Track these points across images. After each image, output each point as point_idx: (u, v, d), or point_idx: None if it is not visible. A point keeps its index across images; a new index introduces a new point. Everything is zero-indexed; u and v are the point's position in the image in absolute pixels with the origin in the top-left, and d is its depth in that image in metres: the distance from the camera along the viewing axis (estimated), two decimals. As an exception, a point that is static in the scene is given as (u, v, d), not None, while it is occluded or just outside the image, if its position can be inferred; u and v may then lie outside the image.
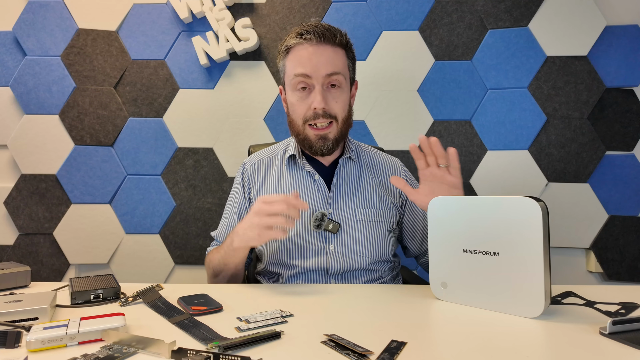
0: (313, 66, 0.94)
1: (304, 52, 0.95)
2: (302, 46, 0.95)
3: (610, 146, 1.52)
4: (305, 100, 0.97)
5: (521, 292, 0.67)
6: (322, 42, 0.94)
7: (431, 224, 0.78)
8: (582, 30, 1.51)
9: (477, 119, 1.56)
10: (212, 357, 0.51)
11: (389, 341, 0.57)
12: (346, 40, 0.99)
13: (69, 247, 1.58)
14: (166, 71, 1.59)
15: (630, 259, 1.50)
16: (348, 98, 1.00)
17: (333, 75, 0.95)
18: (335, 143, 0.99)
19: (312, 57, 0.94)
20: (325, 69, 0.94)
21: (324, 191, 1.01)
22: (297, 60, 0.96)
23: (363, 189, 1.03)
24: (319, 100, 0.94)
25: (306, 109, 0.96)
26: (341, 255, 0.97)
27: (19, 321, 0.63)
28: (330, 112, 0.96)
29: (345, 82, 0.98)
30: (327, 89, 0.96)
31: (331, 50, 0.95)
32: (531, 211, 0.66)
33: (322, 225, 0.96)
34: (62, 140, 1.58)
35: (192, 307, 0.70)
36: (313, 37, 0.94)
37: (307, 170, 1.03)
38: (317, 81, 0.94)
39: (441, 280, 0.77)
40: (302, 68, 0.94)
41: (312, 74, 0.94)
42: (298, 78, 0.95)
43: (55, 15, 1.57)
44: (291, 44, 0.96)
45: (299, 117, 0.98)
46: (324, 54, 0.94)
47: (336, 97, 0.97)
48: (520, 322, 0.65)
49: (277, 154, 1.09)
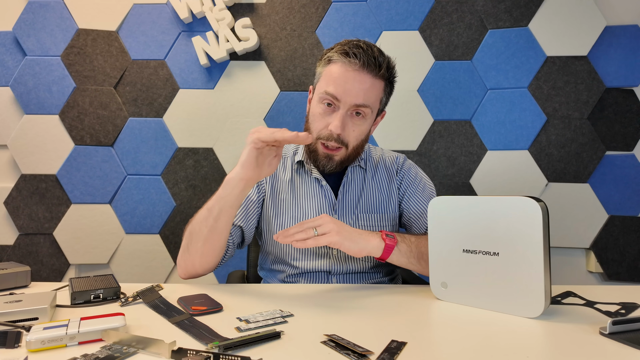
0: (345, 91, 0.90)
1: (342, 75, 0.91)
2: (343, 66, 0.91)
3: (610, 146, 1.52)
4: (326, 117, 0.94)
5: (521, 292, 0.67)
6: (364, 70, 0.90)
7: (431, 224, 0.78)
8: (582, 30, 1.51)
9: (477, 119, 1.56)
10: (212, 357, 0.51)
11: (389, 341, 0.57)
12: (389, 74, 0.96)
13: (69, 247, 1.58)
14: (166, 71, 1.58)
15: (630, 259, 1.50)
16: (368, 128, 0.98)
17: (361, 107, 0.93)
18: (339, 165, 0.98)
19: (348, 81, 0.90)
20: (355, 99, 0.91)
21: (331, 197, 1.01)
22: (332, 79, 0.92)
23: (368, 194, 1.04)
24: (337, 125, 0.91)
25: (323, 126, 0.95)
26: (344, 259, 0.99)
27: (19, 321, 0.63)
28: (343, 139, 0.94)
29: (371, 114, 0.96)
30: (351, 115, 0.94)
31: (370, 81, 0.91)
32: (531, 211, 0.66)
33: None
34: (62, 140, 1.58)
35: (192, 307, 0.70)
36: (357, 62, 0.90)
37: (315, 176, 1.03)
38: (344, 106, 0.91)
39: (441, 280, 0.77)
40: (334, 88, 0.91)
41: (342, 98, 0.91)
42: (327, 96, 0.92)
43: (55, 15, 1.57)
44: (334, 59, 0.93)
45: (314, 131, 0.97)
46: (361, 83, 0.91)
47: (356, 126, 0.94)
48: (520, 322, 0.65)
49: (288, 155, 1.09)
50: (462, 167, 1.56)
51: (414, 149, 1.57)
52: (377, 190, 1.05)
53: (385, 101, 1.00)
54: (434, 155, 1.57)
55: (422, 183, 1.08)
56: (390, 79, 0.97)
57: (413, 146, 1.57)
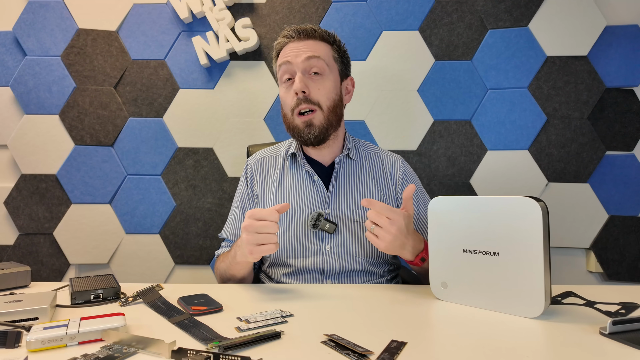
0: (294, 54, 0.98)
1: (288, 48, 1.00)
2: (287, 45, 1.01)
3: (611, 146, 1.52)
4: (290, 89, 0.99)
5: (521, 292, 0.67)
6: (303, 37, 1.00)
7: (431, 224, 0.78)
8: (582, 30, 1.51)
9: (477, 119, 1.56)
10: (212, 357, 0.51)
11: (389, 341, 0.57)
12: (331, 37, 1.03)
13: (69, 247, 1.58)
14: (166, 71, 1.59)
15: (630, 259, 1.50)
16: (334, 87, 1.01)
17: (312, 59, 0.97)
18: (322, 130, 0.99)
19: (293, 49, 0.99)
20: (304, 53, 0.97)
21: (322, 191, 1.01)
22: (282, 56, 1.01)
23: (362, 189, 1.03)
24: (298, 85, 0.96)
25: (291, 98, 0.99)
26: (337, 255, 0.97)
27: (19, 321, 0.63)
28: (311, 98, 0.97)
29: (328, 70, 1.00)
30: (310, 77, 0.99)
31: (312, 42, 1.00)
32: (531, 211, 0.66)
33: (319, 225, 0.96)
34: (62, 140, 1.58)
35: (192, 307, 0.70)
36: (294, 33, 1.00)
37: (306, 170, 1.03)
38: (298, 67, 0.97)
39: (441, 280, 0.77)
40: (284, 58, 0.99)
41: (293, 59, 0.97)
42: (282, 68, 1.00)
43: (55, 15, 1.57)
44: (278, 46, 1.03)
45: (287, 109, 1.01)
46: (305, 45, 0.99)
47: (318, 83, 0.99)
48: (520, 322, 0.65)
49: (280, 153, 1.10)
50: (462, 167, 1.56)
51: (414, 149, 1.57)
52: (372, 185, 1.04)
53: (341, 61, 1.05)
54: (434, 155, 1.57)
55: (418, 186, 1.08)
56: (333, 41, 1.03)
57: (413, 146, 1.57)
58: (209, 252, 1.58)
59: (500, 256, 0.69)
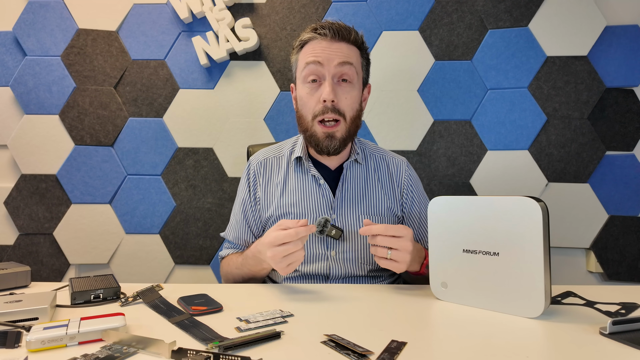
0: (326, 55, 0.93)
1: (318, 46, 0.94)
2: (316, 40, 0.95)
3: (611, 146, 1.51)
4: (315, 93, 0.95)
5: (521, 292, 0.67)
6: (337, 39, 0.94)
7: (431, 224, 0.78)
8: (582, 30, 1.51)
9: (477, 119, 1.56)
10: (212, 357, 0.51)
11: (389, 341, 0.57)
12: (362, 41, 0.98)
13: (69, 247, 1.58)
14: (166, 71, 1.59)
15: (630, 259, 1.50)
16: (358, 96, 0.99)
17: (345, 65, 0.93)
18: (342, 143, 0.96)
19: (325, 49, 0.93)
20: (338, 58, 0.93)
21: (329, 196, 0.99)
22: (310, 52, 0.95)
23: (368, 194, 1.02)
24: (328, 91, 0.92)
25: (315, 103, 0.95)
26: (342, 261, 0.97)
27: (19, 321, 0.63)
28: (339, 107, 0.94)
29: (357, 78, 0.96)
30: (338, 83, 0.95)
31: (345, 46, 0.95)
32: (531, 211, 0.66)
33: (325, 230, 0.95)
34: (62, 140, 1.58)
35: (192, 307, 0.70)
36: (328, 32, 0.93)
37: (312, 174, 1.00)
38: (329, 71, 0.93)
39: (441, 280, 0.77)
40: (314, 57, 0.93)
41: (324, 62, 0.93)
42: (309, 67, 0.94)
43: (55, 15, 1.57)
44: (305, 38, 0.96)
45: (308, 112, 0.96)
46: (338, 48, 0.94)
47: (346, 92, 0.95)
48: (520, 322, 0.65)
49: (284, 154, 1.06)
50: (462, 167, 1.56)
51: (414, 149, 1.57)
52: (379, 190, 1.03)
53: (366, 68, 1.02)
54: (434, 155, 1.57)
55: (421, 190, 1.08)
56: (363, 46, 1.00)
57: (413, 146, 1.57)
58: (209, 252, 1.58)
59: (501, 256, 0.69)
